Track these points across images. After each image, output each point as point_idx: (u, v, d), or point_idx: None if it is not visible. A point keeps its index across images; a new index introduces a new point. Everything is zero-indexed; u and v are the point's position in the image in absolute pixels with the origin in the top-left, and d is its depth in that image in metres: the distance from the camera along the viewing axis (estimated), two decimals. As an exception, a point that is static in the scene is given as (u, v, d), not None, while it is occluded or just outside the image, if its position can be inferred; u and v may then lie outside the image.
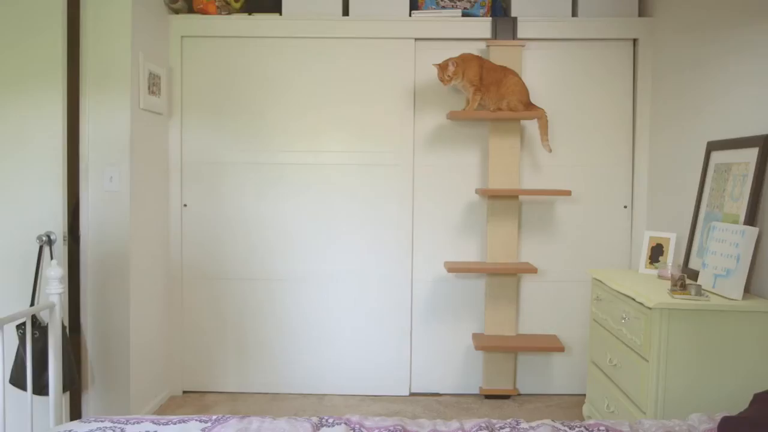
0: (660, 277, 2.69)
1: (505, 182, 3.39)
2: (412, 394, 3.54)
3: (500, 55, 3.37)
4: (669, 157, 3.17)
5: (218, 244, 3.51)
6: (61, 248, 2.75)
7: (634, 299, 2.35)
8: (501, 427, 1.84)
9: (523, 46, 3.39)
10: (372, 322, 3.53)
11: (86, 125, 2.92)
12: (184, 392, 3.56)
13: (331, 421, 1.84)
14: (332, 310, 3.53)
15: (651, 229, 3.30)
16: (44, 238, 2.71)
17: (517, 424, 1.85)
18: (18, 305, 2.69)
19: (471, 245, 3.52)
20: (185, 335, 3.55)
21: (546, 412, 3.30)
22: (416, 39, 3.43)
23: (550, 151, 3.31)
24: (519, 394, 3.53)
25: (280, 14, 3.44)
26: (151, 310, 3.26)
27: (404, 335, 3.53)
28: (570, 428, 1.83)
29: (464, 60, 3.20)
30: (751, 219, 2.31)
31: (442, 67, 3.18)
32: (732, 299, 2.21)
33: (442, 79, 3.20)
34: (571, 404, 3.40)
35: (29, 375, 2.15)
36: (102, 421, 1.81)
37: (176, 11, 3.44)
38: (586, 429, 1.83)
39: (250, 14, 3.47)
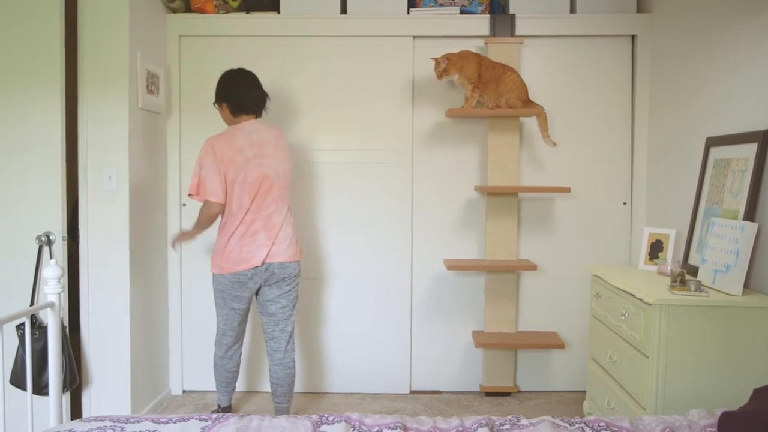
0: (659, 273, 2.69)
1: (504, 179, 3.39)
2: (412, 392, 3.54)
3: (499, 52, 3.37)
4: (668, 153, 3.17)
5: (217, 243, 3.51)
6: (60, 248, 2.75)
7: (633, 295, 2.35)
8: (501, 424, 1.84)
9: (521, 43, 3.39)
10: (371, 320, 3.53)
11: (85, 125, 2.91)
12: (185, 391, 3.56)
13: (331, 419, 1.84)
14: (331, 308, 3.53)
15: (650, 226, 3.30)
16: (43, 238, 2.71)
17: (518, 421, 1.86)
18: (17, 305, 2.69)
19: (470, 242, 3.52)
20: (185, 334, 3.55)
21: (546, 408, 3.30)
22: (414, 37, 3.43)
23: (554, 144, 3.30)
24: (519, 391, 3.53)
25: (278, 13, 3.43)
26: (151, 309, 3.26)
27: (404, 333, 3.53)
28: (570, 424, 1.83)
29: (462, 57, 3.20)
30: (750, 214, 2.31)
31: (437, 62, 3.19)
32: (731, 295, 2.21)
33: (436, 73, 3.20)
34: (572, 401, 3.41)
35: (29, 375, 2.14)
36: (102, 421, 1.81)
37: (174, 10, 3.43)
38: (587, 425, 1.83)
39: (247, 13, 3.46)
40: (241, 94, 2.79)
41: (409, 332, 3.53)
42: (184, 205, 3.48)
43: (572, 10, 3.42)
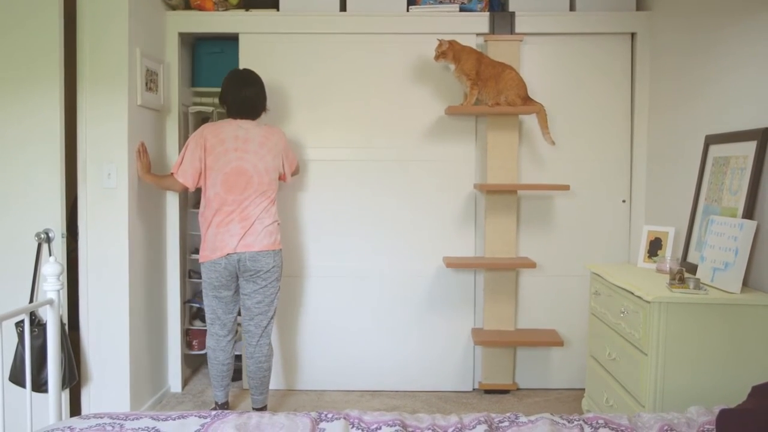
0: (658, 271, 2.69)
1: (503, 177, 3.39)
2: (411, 389, 3.54)
3: (498, 49, 3.36)
4: (667, 151, 3.17)
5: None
6: (59, 245, 2.75)
7: (632, 293, 2.36)
8: (500, 421, 1.84)
9: (521, 40, 3.38)
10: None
11: (84, 122, 2.91)
12: (184, 388, 3.57)
13: (330, 416, 1.84)
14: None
15: (649, 223, 3.31)
16: (43, 236, 2.70)
17: (516, 418, 1.86)
18: (17, 302, 2.69)
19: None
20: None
21: (545, 406, 3.30)
22: (414, 34, 3.43)
23: (553, 143, 3.30)
24: (518, 389, 3.53)
25: (278, 10, 3.43)
26: (150, 306, 3.26)
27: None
28: (569, 422, 1.84)
29: (464, 50, 3.20)
30: (749, 212, 2.31)
31: (440, 43, 3.19)
32: (730, 293, 2.21)
33: (435, 53, 3.21)
34: (570, 398, 3.41)
35: (28, 372, 2.15)
36: (101, 418, 1.81)
37: (173, 7, 3.43)
38: (585, 422, 1.83)
39: (247, 10, 3.46)
40: (230, 102, 2.95)
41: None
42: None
43: (572, 8, 3.42)
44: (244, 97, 2.93)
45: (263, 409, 3.05)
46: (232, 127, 2.90)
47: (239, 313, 3.10)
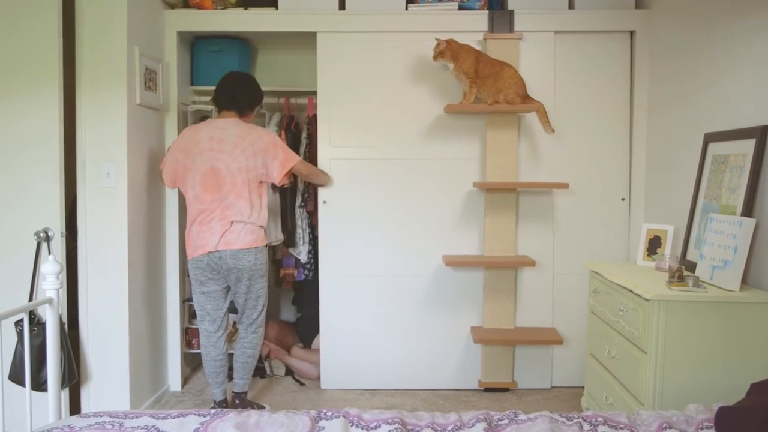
0: (658, 269, 2.70)
1: (502, 175, 3.39)
2: (411, 388, 3.54)
3: (497, 48, 3.36)
4: (666, 149, 3.17)
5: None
6: (58, 244, 2.75)
7: (631, 291, 2.36)
8: (499, 419, 1.85)
9: (520, 38, 3.38)
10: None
11: (83, 121, 2.91)
12: (184, 387, 3.57)
13: (329, 414, 1.85)
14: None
15: (648, 221, 3.30)
16: (42, 235, 2.70)
17: (516, 416, 1.86)
18: (16, 301, 2.69)
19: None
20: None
21: (544, 404, 3.31)
22: (413, 32, 3.42)
23: (553, 131, 3.26)
24: (518, 387, 3.53)
25: (276, 8, 3.42)
26: (149, 305, 3.26)
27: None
28: (568, 419, 1.84)
29: (462, 48, 3.20)
30: (748, 210, 2.31)
31: (438, 43, 3.19)
32: (729, 290, 2.21)
33: (433, 53, 3.20)
34: (570, 396, 3.41)
35: (27, 371, 2.15)
36: (101, 416, 1.82)
37: (172, 6, 3.42)
38: (584, 420, 1.83)
39: (246, 8, 3.45)
40: (217, 93, 3.03)
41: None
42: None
43: (571, 6, 3.42)
44: (235, 92, 2.99)
45: (243, 394, 3.11)
46: (210, 128, 2.94)
47: (232, 311, 3.13)
